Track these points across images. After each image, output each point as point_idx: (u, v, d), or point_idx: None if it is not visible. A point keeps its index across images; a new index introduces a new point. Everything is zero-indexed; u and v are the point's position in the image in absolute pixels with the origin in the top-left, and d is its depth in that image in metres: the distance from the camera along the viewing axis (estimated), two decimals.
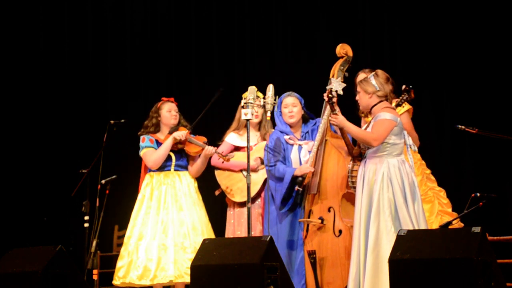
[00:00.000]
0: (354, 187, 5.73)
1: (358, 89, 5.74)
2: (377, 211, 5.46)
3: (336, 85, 6.12)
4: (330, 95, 5.87)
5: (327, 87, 6.16)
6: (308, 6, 9.03)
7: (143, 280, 6.43)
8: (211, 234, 6.63)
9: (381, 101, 5.66)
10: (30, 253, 5.86)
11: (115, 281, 6.57)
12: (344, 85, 6.13)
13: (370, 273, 5.37)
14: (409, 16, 8.53)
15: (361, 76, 6.11)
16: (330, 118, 5.80)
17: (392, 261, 4.81)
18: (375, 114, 5.65)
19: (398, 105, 5.96)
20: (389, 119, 5.56)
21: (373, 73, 5.78)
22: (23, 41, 9.73)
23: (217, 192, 6.75)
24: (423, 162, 6.35)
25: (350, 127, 5.68)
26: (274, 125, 6.61)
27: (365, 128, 5.74)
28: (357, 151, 5.76)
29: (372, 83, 5.68)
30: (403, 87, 5.94)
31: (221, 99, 6.90)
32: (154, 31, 9.69)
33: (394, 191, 5.49)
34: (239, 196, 6.56)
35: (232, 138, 6.70)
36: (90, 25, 9.81)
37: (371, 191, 5.52)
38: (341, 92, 6.10)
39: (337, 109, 5.83)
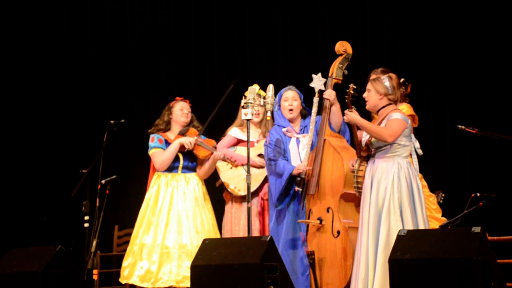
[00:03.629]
0: (359, 188, 5.71)
1: (369, 87, 5.70)
2: (388, 210, 5.44)
3: (319, 83, 6.16)
4: (351, 92, 5.82)
5: (315, 87, 6.18)
6: (308, 5, 9.03)
7: (145, 282, 6.42)
8: (217, 236, 6.59)
9: (389, 104, 5.66)
10: (30, 253, 5.86)
11: (121, 279, 6.61)
12: (324, 80, 6.15)
13: (380, 273, 5.33)
14: (409, 16, 8.52)
15: (373, 76, 6.06)
16: (345, 112, 5.73)
17: (392, 261, 4.82)
18: (382, 116, 5.64)
19: None
20: (402, 119, 5.56)
21: (387, 74, 5.75)
22: (23, 41, 9.72)
23: (217, 184, 6.77)
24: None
25: (364, 123, 5.63)
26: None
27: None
28: (366, 152, 5.73)
29: (385, 85, 5.65)
30: (402, 80, 5.93)
31: (220, 99, 6.88)
32: (154, 31, 9.69)
33: (403, 191, 5.48)
34: (240, 189, 6.56)
35: (235, 131, 6.76)
36: (90, 25, 9.80)
37: (381, 190, 5.50)
38: (323, 88, 6.13)
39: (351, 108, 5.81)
